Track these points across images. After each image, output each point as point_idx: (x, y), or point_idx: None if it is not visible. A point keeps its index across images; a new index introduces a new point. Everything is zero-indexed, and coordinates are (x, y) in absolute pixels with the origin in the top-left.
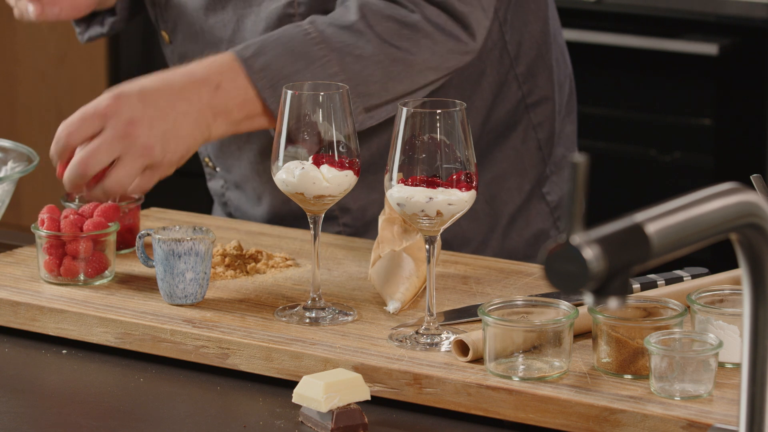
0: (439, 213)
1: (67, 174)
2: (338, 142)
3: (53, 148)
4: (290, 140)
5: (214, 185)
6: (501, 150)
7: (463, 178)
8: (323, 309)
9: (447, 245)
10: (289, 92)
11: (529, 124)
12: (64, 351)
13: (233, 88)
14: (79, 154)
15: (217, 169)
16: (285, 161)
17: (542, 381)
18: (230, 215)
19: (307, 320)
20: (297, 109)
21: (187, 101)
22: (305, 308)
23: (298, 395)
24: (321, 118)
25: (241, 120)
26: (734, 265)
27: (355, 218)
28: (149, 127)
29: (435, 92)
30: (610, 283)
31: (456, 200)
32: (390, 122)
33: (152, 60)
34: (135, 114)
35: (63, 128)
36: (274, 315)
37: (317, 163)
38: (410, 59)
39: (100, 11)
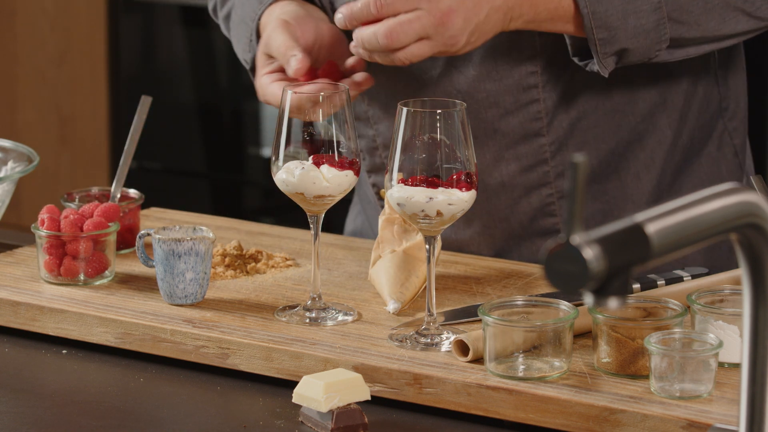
0: (439, 213)
1: (369, 38)
2: (338, 142)
3: (357, 8)
4: (290, 140)
5: None
6: (698, 157)
7: (463, 178)
8: (323, 309)
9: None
10: (289, 92)
11: (725, 129)
12: (64, 351)
13: None
14: (386, 23)
15: None
16: (285, 161)
17: (542, 381)
18: None
19: (307, 320)
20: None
21: None
22: (305, 308)
23: (298, 395)
24: (321, 118)
25: (544, 20)
26: (734, 265)
27: None
28: (464, 20)
29: (665, 93)
30: (610, 283)
31: (456, 200)
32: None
33: (152, 60)
34: (453, 4)
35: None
36: (274, 315)
37: (317, 163)
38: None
39: None
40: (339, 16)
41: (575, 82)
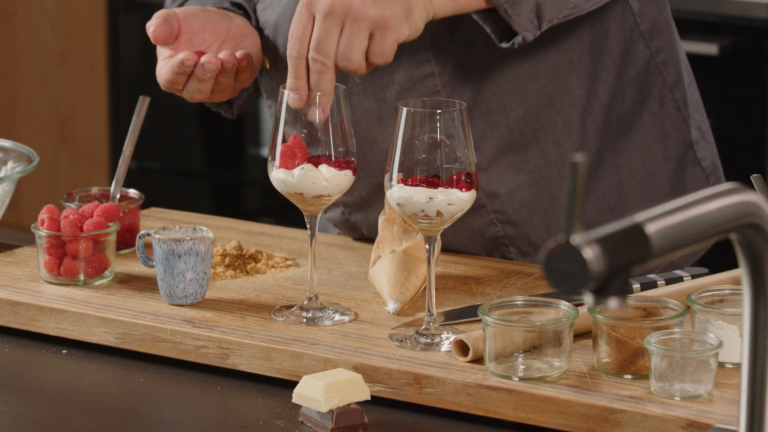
0: (439, 213)
1: (312, 69)
2: (336, 141)
3: (293, 71)
4: (287, 140)
5: (332, 216)
6: (639, 116)
7: (463, 178)
8: (320, 309)
9: (591, 220)
10: (286, 92)
11: (664, 85)
12: (64, 351)
13: None
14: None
15: None
16: None
17: (542, 381)
18: (365, 236)
19: (304, 320)
20: (295, 109)
21: None
22: (302, 308)
23: (298, 395)
24: (318, 118)
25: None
26: (734, 265)
27: (504, 203)
28: None
29: (568, 53)
30: (610, 283)
31: (456, 200)
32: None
33: (152, 60)
34: None
35: (294, 52)
36: (270, 315)
37: (315, 163)
38: None
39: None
40: (293, 97)
41: (469, 53)
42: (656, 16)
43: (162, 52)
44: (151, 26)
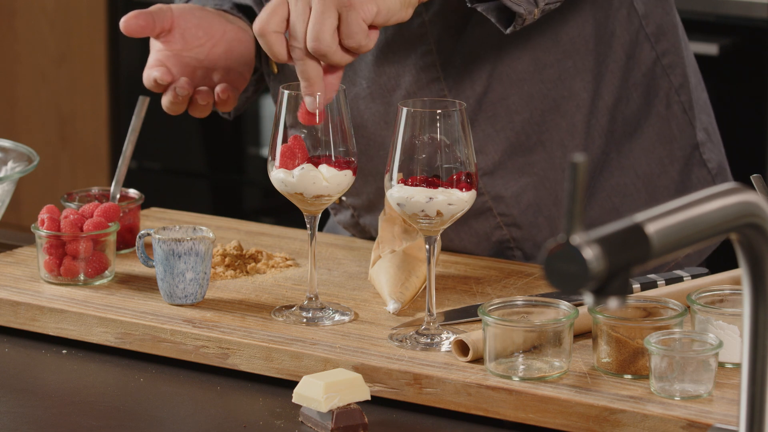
0: (439, 213)
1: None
2: (336, 141)
3: (276, 51)
4: (288, 140)
5: (342, 218)
6: (645, 118)
7: (463, 178)
8: (320, 309)
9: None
10: (286, 92)
11: (670, 87)
12: (64, 351)
13: None
14: (308, 34)
15: (343, 199)
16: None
17: (542, 381)
18: (374, 238)
19: (304, 320)
20: (294, 109)
21: None
22: (302, 308)
23: (298, 395)
24: (318, 120)
25: None
26: (734, 265)
27: (510, 206)
28: None
29: (573, 56)
30: (610, 283)
31: (456, 200)
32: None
33: None
34: None
35: (258, 26)
36: (271, 315)
37: (315, 163)
38: None
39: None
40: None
41: (474, 57)
42: (662, 18)
43: (153, 45)
44: (123, 19)
